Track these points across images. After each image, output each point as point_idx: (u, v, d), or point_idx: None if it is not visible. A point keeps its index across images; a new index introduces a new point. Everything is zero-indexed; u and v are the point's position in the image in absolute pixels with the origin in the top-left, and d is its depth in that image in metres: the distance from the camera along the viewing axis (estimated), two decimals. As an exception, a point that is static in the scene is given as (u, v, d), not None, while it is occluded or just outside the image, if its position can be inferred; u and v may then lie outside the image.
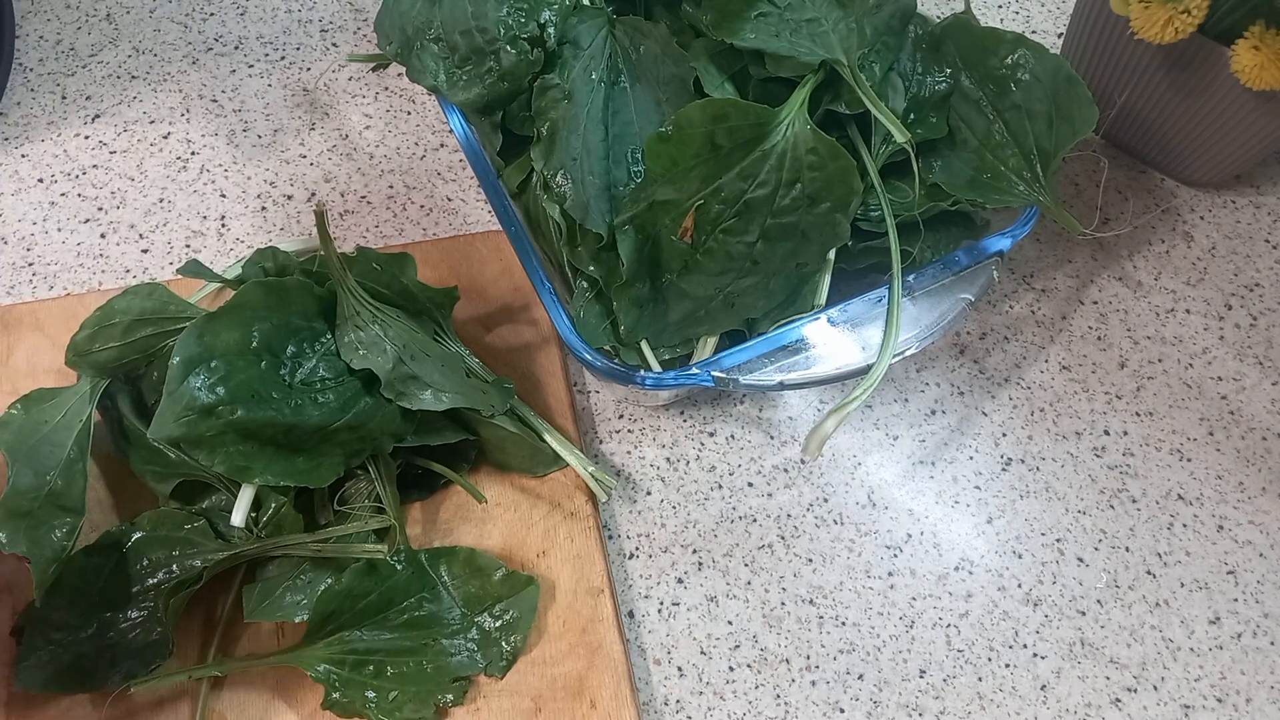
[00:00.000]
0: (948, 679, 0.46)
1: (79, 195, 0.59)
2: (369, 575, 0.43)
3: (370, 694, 0.42)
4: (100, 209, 0.59)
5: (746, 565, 0.49)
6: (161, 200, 0.59)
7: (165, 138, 0.62)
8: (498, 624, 0.44)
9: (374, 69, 0.66)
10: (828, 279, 0.48)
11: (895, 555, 0.49)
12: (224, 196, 0.60)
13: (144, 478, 0.46)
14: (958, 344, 0.56)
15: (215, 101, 0.64)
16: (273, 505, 0.44)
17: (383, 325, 0.44)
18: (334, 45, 0.67)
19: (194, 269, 0.50)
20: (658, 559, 0.49)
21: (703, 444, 0.52)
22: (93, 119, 0.63)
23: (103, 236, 0.58)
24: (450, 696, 0.43)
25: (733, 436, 0.53)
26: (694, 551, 0.49)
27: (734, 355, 0.45)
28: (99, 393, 0.46)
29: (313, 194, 0.60)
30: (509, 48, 0.46)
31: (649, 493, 0.51)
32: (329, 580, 0.44)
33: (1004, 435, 0.53)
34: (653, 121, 0.47)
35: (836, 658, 0.47)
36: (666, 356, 0.48)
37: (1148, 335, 0.57)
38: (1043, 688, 0.46)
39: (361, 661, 0.43)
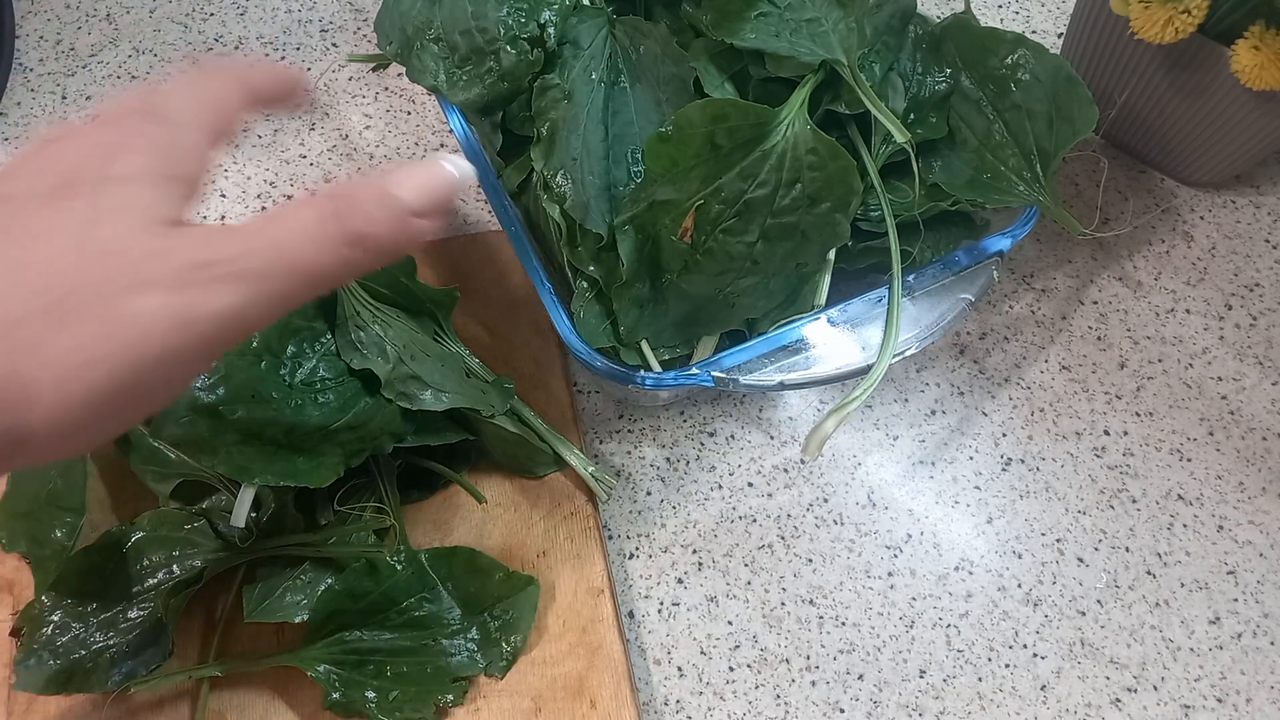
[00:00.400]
0: (948, 679, 0.46)
1: (79, 195, 0.59)
2: (369, 575, 0.43)
3: (370, 694, 0.42)
4: (100, 209, 0.59)
5: (746, 565, 0.49)
6: (161, 200, 0.59)
7: (165, 138, 0.62)
8: (498, 624, 0.44)
9: (374, 69, 0.66)
10: (828, 279, 0.48)
11: (895, 555, 0.49)
12: (224, 196, 0.60)
13: (144, 478, 0.46)
14: (958, 344, 0.56)
15: (215, 101, 0.64)
16: (273, 505, 0.45)
17: (383, 325, 0.44)
18: (334, 45, 0.67)
19: None
20: (658, 559, 0.49)
21: (703, 444, 0.52)
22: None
23: (103, 236, 0.58)
24: (450, 696, 0.43)
25: (733, 436, 0.53)
26: (694, 551, 0.49)
27: (734, 355, 0.45)
28: None
29: (312, 194, 0.60)
30: (509, 48, 0.46)
31: (649, 493, 0.51)
32: (329, 580, 0.44)
33: (1004, 435, 0.53)
34: (653, 121, 0.47)
35: (836, 658, 0.47)
36: (666, 356, 0.48)
37: (1148, 335, 0.57)
38: (1043, 688, 0.46)
39: (361, 661, 0.43)
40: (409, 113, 0.64)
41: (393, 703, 0.42)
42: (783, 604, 0.48)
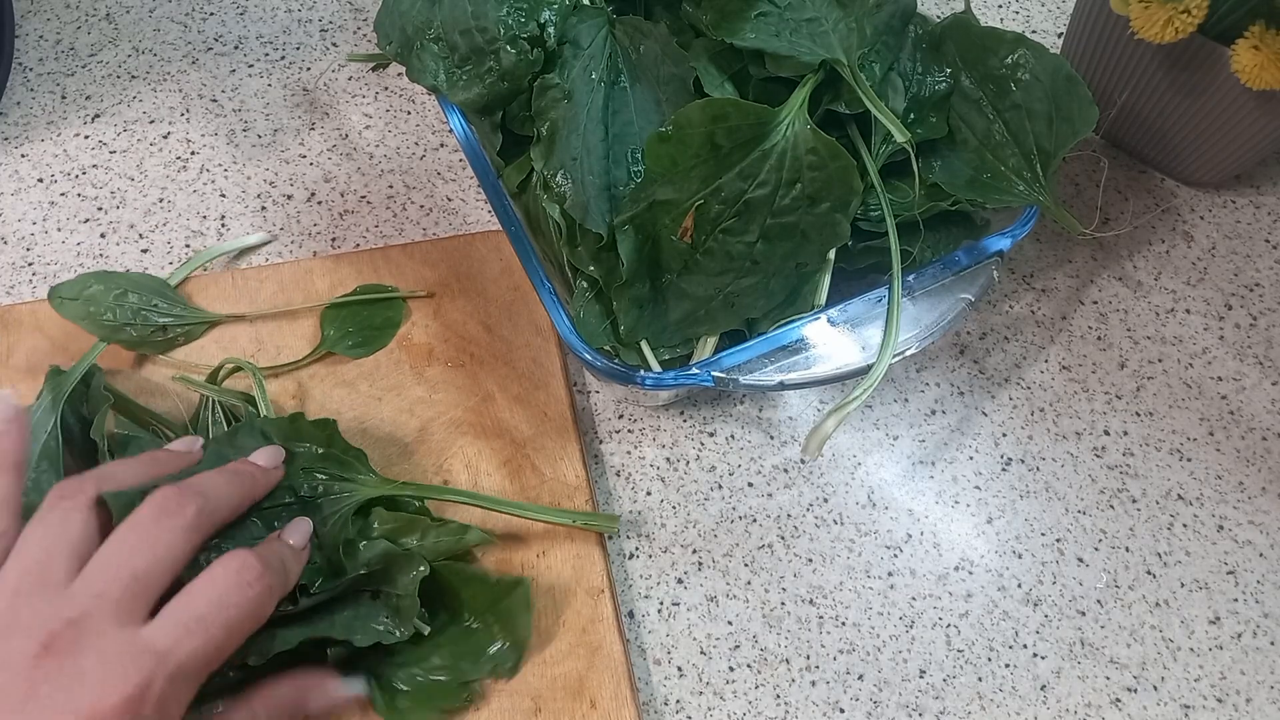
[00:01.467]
0: (948, 679, 0.46)
1: (79, 195, 0.59)
2: None
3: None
4: (100, 209, 0.59)
5: (746, 565, 0.49)
6: (161, 200, 0.59)
7: (165, 137, 0.62)
8: (498, 625, 0.44)
9: (374, 69, 0.66)
10: (828, 279, 0.48)
11: (895, 555, 0.49)
12: (224, 196, 0.60)
13: None
14: (958, 344, 0.56)
15: (215, 101, 0.64)
16: None
17: None
18: (334, 45, 0.67)
19: None
20: (658, 559, 0.49)
21: (703, 444, 0.52)
22: (93, 119, 0.63)
23: (103, 236, 0.58)
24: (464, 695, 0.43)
25: (733, 436, 0.53)
26: (694, 551, 0.49)
27: (734, 355, 0.45)
28: (61, 401, 0.44)
29: (312, 194, 0.60)
30: (509, 48, 0.46)
31: (649, 493, 0.51)
32: None
33: (1004, 435, 0.53)
34: (653, 121, 0.47)
35: (836, 658, 0.47)
36: (666, 356, 0.48)
37: (1148, 335, 0.57)
38: (1043, 688, 0.46)
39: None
40: (409, 113, 0.64)
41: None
42: (783, 604, 0.48)
